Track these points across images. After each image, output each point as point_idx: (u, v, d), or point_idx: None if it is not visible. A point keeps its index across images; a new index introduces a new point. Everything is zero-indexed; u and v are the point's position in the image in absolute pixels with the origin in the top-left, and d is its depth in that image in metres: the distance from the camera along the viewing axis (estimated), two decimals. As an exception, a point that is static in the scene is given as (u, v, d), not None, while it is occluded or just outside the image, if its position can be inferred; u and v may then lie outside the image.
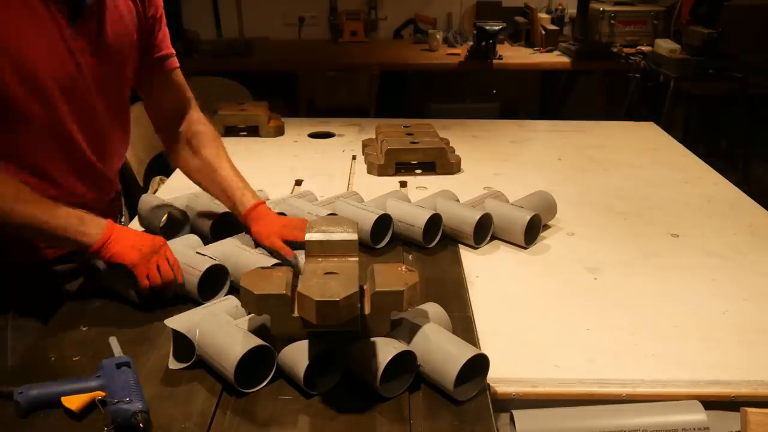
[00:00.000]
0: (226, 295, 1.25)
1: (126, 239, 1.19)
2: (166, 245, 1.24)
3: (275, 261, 1.27)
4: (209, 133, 1.46)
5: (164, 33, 1.39)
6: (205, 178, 1.43)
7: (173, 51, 1.42)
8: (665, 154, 2.23)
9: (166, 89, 1.42)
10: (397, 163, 1.98)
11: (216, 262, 1.25)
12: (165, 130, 1.46)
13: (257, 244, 1.37)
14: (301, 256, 1.28)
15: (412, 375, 1.03)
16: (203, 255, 1.28)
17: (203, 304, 1.19)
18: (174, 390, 1.03)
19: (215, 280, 1.26)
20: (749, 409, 1.05)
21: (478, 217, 1.49)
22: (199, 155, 1.43)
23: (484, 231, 1.53)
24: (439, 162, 2.00)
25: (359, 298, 0.98)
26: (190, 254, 1.28)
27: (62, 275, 1.31)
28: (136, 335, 1.15)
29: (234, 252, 1.31)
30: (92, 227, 1.17)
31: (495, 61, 3.72)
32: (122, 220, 1.55)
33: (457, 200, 1.63)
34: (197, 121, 1.46)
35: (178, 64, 1.43)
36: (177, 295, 1.25)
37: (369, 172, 2.02)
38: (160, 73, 1.40)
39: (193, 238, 1.39)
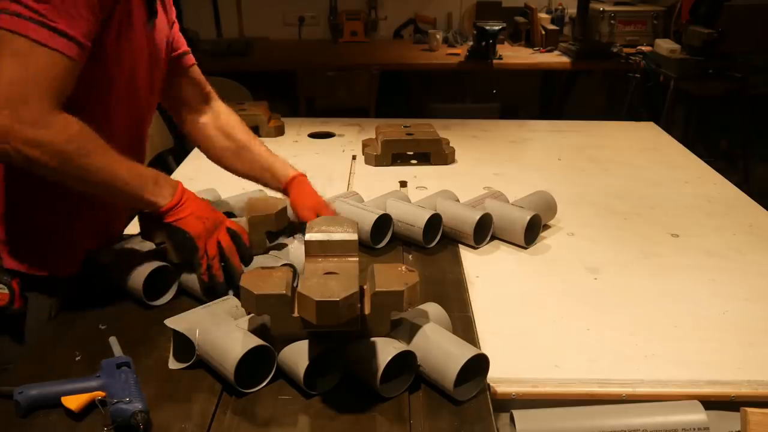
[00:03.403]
0: (174, 296, 1.26)
1: (194, 207, 1.19)
2: (225, 219, 1.23)
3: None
4: (239, 120, 1.51)
5: (178, 31, 1.43)
6: (240, 158, 1.46)
7: (188, 48, 1.45)
8: (665, 154, 2.23)
9: (187, 85, 1.45)
10: (393, 155, 2.06)
11: (162, 264, 1.23)
12: (189, 123, 1.49)
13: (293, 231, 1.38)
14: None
15: (412, 375, 1.03)
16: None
17: (203, 303, 1.19)
18: (174, 390, 1.03)
19: (162, 282, 1.25)
20: (749, 409, 1.05)
21: (478, 217, 1.49)
22: (231, 137, 1.46)
23: (484, 231, 1.53)
24: (434, 152, 2.07)
25: (359, 298, 0.98)
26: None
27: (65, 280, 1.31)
28: (136, 335, 1.15)
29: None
30: (166, 188, 1.16)
31: (495, 61, 3.72)
32: None
33: (457, 200, 1.63)
34: (226, 111, 1.50)
35: (195, 61, 1.47)
36: (176, 296, 1.25)
37: (367, 162, 2.08)
38: (179, 70, 1.44)
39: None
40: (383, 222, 1.50)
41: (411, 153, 2.11)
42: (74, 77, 1.06)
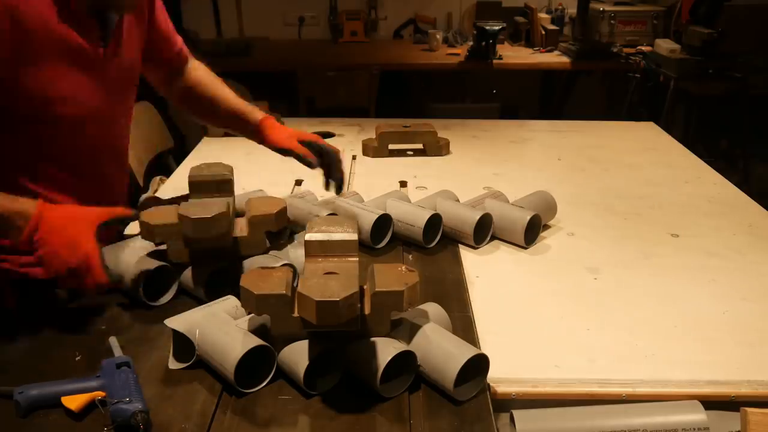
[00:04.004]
0: (174, 296, 1.26)
1: (50, 249, 1.06)
2: (93, 263, 1.09)
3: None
4: (207, 73, 1.55)
5: (170, 26, 1.47)
6: (208, 105, 1.50)
7: (181, 39, 1.51)
8: (665, 154, 2.23)
9: (174, 65, 1.51)
10: (390, 150, 2.15)
11: (162, 264, 1.24)
12: (167, 86, 1.54)
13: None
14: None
15: (412, 375, 1.03)
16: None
17: (203, 303, 1.19)
18: (174, 390, 1.03)
19: (162, 282, 1.26)
20: (749, 409, 1.05)
21: (478, 217, 1.49)
22: (199, 87, 1.51)
23: (484, 231, 1.53)
24: (428, 144, 2.15)
25: (359, 298, 0.98)
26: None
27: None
28: (136, 335, 1.15)
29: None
30: (13, 225, 1.06)
31: (495, 61, 3.72)
32: None
33: (457, 200, 1.63)
34: (195, 67, 1.55)
35: (187, 50, 1.53)
36: (176, 295, 1.25)
37: (365, 154, 2.16)
38: (177, 64, 1.50)
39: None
40: (383, 222, 1.50)
41: (407, 147, 2.18)
42: None
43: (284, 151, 1.45)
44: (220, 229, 1.18)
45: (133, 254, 1.26)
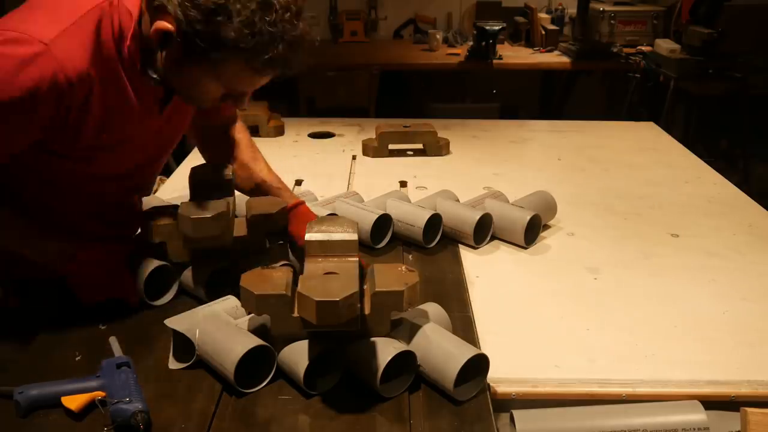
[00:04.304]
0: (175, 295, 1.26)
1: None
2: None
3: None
4: (245, 140, 1.48)
5: None
6: (243, 181, 1.42)
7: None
8: (665, 154, 2.23)
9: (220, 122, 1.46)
10: (390, 149, 2.14)
11: (162, 264, 1.23)
12: (203, 136, 1.48)
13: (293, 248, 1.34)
14: None
15: (412, 375, 1.03)
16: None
17: (203, 303, 1.19)
18: (174, 390, 1.03)
19: (162, 282, 1.25)
20: (749, 409, 1.05)
21: (478, 217, 1.49)
22: (236, 160, 1.43)
23: (484, 231, 1.53)
24: (428, 144, 2.14)
25: (359, 298, 0.98)
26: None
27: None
28: (136, 335, 1.15)
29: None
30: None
31: (495, 61, 3.72)
32: None
33: (457, 200, 1.63)
34: (237, 130, 1.48)
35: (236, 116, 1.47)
36: (176, 296, 1.25)
37: (365, 154, 2.15)
38: (220, 123, 1.45)
39: None
40: (383, 222, 1.50)
41: (407, 147, 2.17)
42: None
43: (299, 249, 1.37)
44: (219, 229, 1.18)
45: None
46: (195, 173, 1.28)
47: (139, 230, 1.31)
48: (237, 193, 1.38)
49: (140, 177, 1.32)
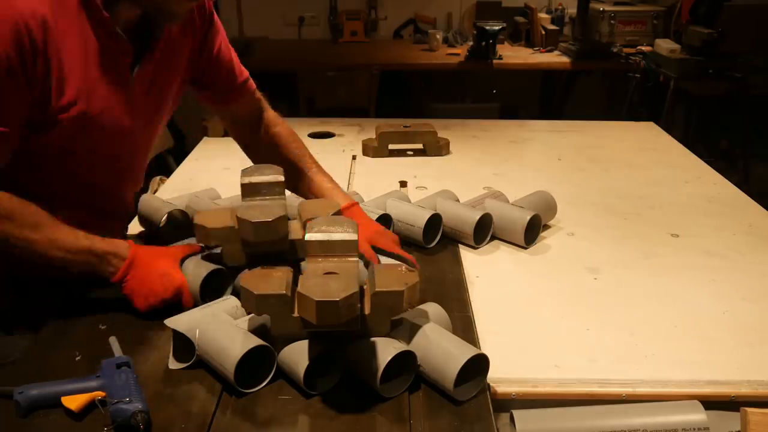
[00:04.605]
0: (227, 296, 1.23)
1: (136, 284, 1.15)
2: (185, 292, 1.18)
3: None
4: (286, 132, 1.47)
5: (233, 57, 1.43)
6: (293, 180, 1.41)
7: (246, 72, 1.45)
8: (665, 154, 2.23)
9: (243, 106, 1.45)
10: (390, 149, 2.14)
11: (217, 267, 1.21)
12: (249, 143, 1.49)
13: None
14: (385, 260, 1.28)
15: (412, 375, 1.03)
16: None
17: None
18: (174, 390, 1.03)
19: (216, 285, 1.23)
20: (749, 409, 1.05)
21: (478, 217, 1.49)
22: (284, 159, 1.42)
23: (484, 231, 1.53)
24: (428, 144, 2.15)
25: (359, 298, 0.98)
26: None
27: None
28: (136, 335, 1.15)
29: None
30: (108, 266, 1.15)
31: (495, 61, 3.73)
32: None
33: (457, 200, 1.63)
34: (273, 123, 1.47)
35: (254, 85, 1.46)
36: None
37: (365, 154, 2.15)
38: (240, 97, 1.43)
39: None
40: (383, 222, 1.50)
41: (407, 147, 2.17)
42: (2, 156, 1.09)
43: None
44: (279, 233, 1.15)
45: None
46: (246, 176, 1.25)
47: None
48: (237, 193, 1.37)
49: (128, 161, 1.30)
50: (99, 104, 1.16)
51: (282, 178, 1.23)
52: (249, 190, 1.22)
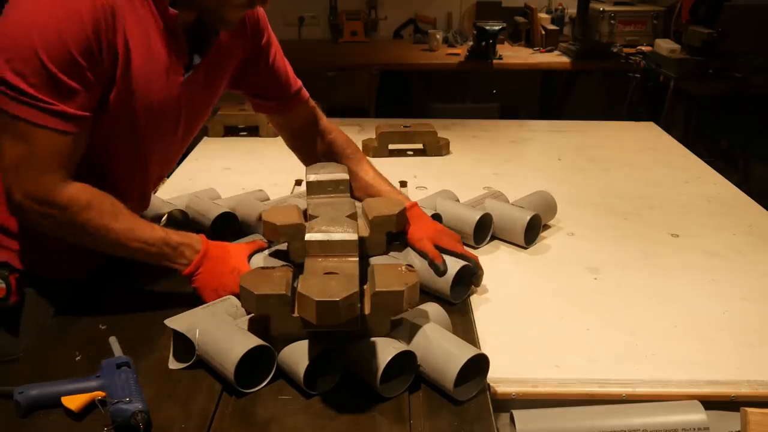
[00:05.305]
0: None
1: (207, 276, 1.17)
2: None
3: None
4: (341, 138, 1.48)
5: (287, 68, 1.44)
6: (352, 186, 1.39)
7: (299, 82, 1.46)
8: (665, 154, 2.23)
9: (299, 116, 1.46)
10: (390, 149, 2.15)
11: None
12: (302, 149, 1.49)
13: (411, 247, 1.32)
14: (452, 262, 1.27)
15: (412, 375, 1.03)
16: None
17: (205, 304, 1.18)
18: (174, 390, 1.03)
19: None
20: (749, 409, 1.05)
21: (478, 217, 1.49)
22: (339, 161, 1.42)
23: (484, 231, 1.53)
24: (428, 144, 2.15)
25: (359, 298, 0.98)
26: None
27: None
28: (136, 335, 1.15)
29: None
30: (184, 256, 1.16)
31: (495, 61, 3.73)
32: None
33: (457, 200, 1.63)
34: (328, 130, 1.48)
35: (308, 94, 1.48)
36: (176, 294, 1.25)
37: (365, 154, 2.09)
38: (295, 107, 1.45)
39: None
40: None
41: (407, 147, 2.18)
42: (79, 147, 1.09)
43: (419, 252, 1.32)
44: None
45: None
46: (312, 173, 1.26)
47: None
48: (236, 192, 1.38)
49: (159, 159, 1.29)
50: (151, 100, 1.15)
51: (347, 176, 1.24)
52: (315, 188, 1.24)
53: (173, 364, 1.07)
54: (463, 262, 1.27)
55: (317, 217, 1.17)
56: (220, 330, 1.06)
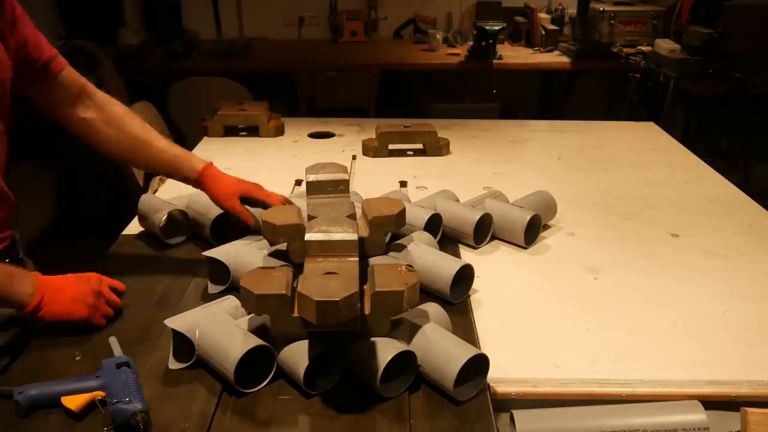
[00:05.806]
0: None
1: (63, 293, 1.13)
2: (101, 277, 1.19)
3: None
4: (123, 110, 1.38)
5: (36, 38, 1.28)
6: (141, 153, 1.36)
7: (55, 51, 1.32)
8: (665, 154, 2.23)
9: (58, 88, 1.31)
10: (390, 149, 2.14)
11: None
12: (71, 121, 1.35)
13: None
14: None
15: (412, 375, 1.03)
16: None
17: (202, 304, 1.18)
18: (174, 390, 1.03)
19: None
20: (749, 409, 1.05)
21: (478, 217, 1.49)
22: (126, 133, 1.35)
23: (484, 231, 1.53)
24: (428, 144, 2.14)
25: (359, 298, 0.98)
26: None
27: None
28: (136, 335, 1.15)
29: (242, 253, 1.28)
30: (22, 285, 1.10)
31: (495, 61, 3.72)
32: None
33: (457, 200, 1.63)
34: (108, 102, 1.38)
35: (65, 63, 1.32)
36: (176, 294, 1.25)
37: (365, 154, 2.15)
38: (48, 79, 1.30)
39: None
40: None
41: (407, 147, 2.17)
42: None
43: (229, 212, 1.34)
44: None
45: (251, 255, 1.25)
46: (311, 173, 1.27)
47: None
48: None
49: None
50: None
51: (347, 176, 1.24)
52: (315, 188, 1.24)
53: (173, 364, 1.07)
54: (463, 262, 1.27)
55: (317, 217, 1.17)
56: (220, 330, 1.06)
